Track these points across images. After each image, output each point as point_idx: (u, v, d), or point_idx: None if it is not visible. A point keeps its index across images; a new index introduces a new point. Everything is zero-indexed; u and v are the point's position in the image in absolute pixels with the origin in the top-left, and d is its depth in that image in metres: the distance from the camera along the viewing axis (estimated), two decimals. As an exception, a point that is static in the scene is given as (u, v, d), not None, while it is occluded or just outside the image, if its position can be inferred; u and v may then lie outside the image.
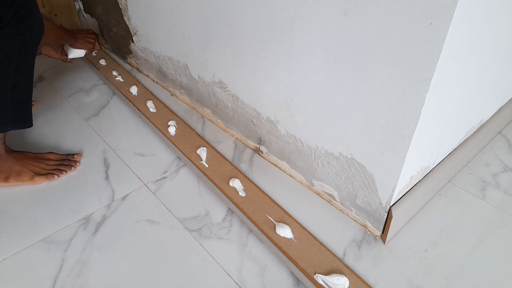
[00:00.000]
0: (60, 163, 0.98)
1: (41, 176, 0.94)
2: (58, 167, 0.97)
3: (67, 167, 0.98)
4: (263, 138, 1.02)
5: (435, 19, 0.54)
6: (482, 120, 1.01)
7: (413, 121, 0.64)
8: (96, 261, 0.78)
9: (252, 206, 0.86)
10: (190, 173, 0.99)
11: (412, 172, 0.77)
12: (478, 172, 1.00)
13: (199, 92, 1.17)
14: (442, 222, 0.86)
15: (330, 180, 0.88)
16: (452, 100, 0.73)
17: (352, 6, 0.64)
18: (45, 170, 0.95)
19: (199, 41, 1.04)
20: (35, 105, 1.20)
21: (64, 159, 0.99)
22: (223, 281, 0.75)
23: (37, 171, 0.94)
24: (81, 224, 0.85)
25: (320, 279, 0.71)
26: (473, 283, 0.74)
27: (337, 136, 0.80)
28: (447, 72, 0.62)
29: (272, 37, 0.81)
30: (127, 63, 1.49)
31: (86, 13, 1.56)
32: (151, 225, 0.85)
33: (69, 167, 0.98)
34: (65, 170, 0.97)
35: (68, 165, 0.98)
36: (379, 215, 0.80)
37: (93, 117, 1.19)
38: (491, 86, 0.89)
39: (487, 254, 0.80)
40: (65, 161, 0.99)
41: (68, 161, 0.99)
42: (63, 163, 0.98)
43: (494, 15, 0.67)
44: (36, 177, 0.93)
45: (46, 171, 0.95)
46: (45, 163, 0.96)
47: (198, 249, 0.80)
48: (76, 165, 0.99)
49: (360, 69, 0.68)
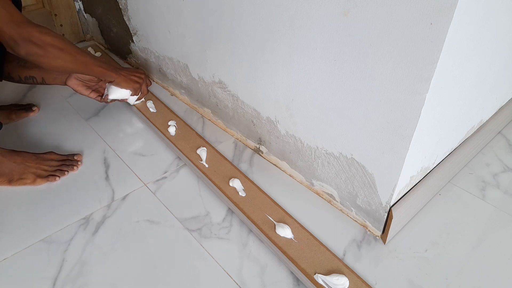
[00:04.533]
0: (62, 163, 0.97)
1: (43, 178, 0.93)
2: (59, 168, 0.96)
3: (69, 167, 0.97)
4: (263, 138, 1.02)
5: (435, 19, 0.54)
6: (482, 120, 1.01)
7: (413, 121, 0.64)
8: (96, 261, 0.78)
9: (252, 206, 0.86)
10: (190, 173, 0.99)
11: (412, 172, 0.77)
12: (478, 172, 1.00)
13: (199, 92, 1.17)
14: (442, 222, 0.86)
15: (330, 180, 0.88)
16: (452, 100, 0.73)
17: (352, 6, 0.64)
18: (47, 172, 0.94)
19: (199, 41, 1.04)
20: (36, 111, 1.18)
21: (65, 159, 0.98)
22: (223, 281, 0.75)
23: (39, 174, 0.93)
24: (81, 224, 0.85)
25: (320, 279, 0.71)
26: (473, 283, 0.74)
27: (337, 136, 0.80)
28: (447, 72, 0.62)
29: (272, 37, 0.81)
30: (127, 63, 1.49)
31: (86, 13, 1.57)
32: (151, 225, 0.85)
33: (71, 167, 0.97)
34: (67, 170, 0.97)
35: (70, 165, 0.98)
36: (379, 215, 0.80)
37: (93, 117, 1.19)
38: (491, 86, 0.89)
39: (487, 254, 0.80)
40: (66, 161, 0.98)
41: (70, 161, 0.99)
42: (65, 163, 0.98)
43: (494, 15, 0.67)
44: (38, 179, 0.93)
45: (48, 173, 0.94)
46: (46, 164, 0.95)
47: (198, 249, 0.80)
48: (78, 165, 0.99)
49: (360, 69, 0.68)
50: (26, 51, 0.79)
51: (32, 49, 0.79)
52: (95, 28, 1.57)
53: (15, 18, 0.78)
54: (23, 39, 0.77)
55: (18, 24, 0.78)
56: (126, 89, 1.06)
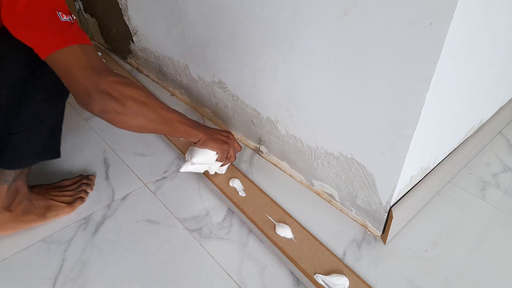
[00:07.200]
0: (79, 185, 0.93)
1: (72, 204, 0.88)
2: (80, 188, 0.92)
3: (88, 186, 0.93)
4: (263, 138, 1.02)
5: (435, 19, 0.54)
6: (482, 120, 1.01)
7: (413, 121, 0.65)
8: (96, 261, 0.78)
9: (252, 206, 0.86)
10: (190, 173, 0.99)
11: (412, 172, 0.77)
12: (478, 172, 1.00)
13: (199, 92, 1.17)
14: (442, 222, 0.86)
15: (330, 180, 0.88)
16: (452, 100, 0.73)
17: (352, 6, 0.64)
18: (72, 197, 0.89)
19: (199, 41, 1.04)
20: None
21: (79, 181, 0.94)
22: (223, 281, 0.75)
23: (67, 200, 0.88)
24: (81, 224, 0.85)
25: (320, 279, 0.71)
26: (473, 283, 0.74)
27: (337, 136, 0.80)
28: (447, 72, 0.62)
29: (272, 37, 0.81)
30: (127, 63, 1.49)
31: (86, 13, 1.57)
32: (151, 225, 0.85)
33: (90, 187, 0.93)
34: (88, 190, 0.92)
35: (88, 185, 0.93)
36: (379, 215, 0.80)
37: (93, 117, 1.19)
38: (491, 86, 0.89)
39: (487, 254, 0.80)
40: (82, 181, 0.94)
41: (86, 179, 0.94)
42: (82, 182, 0.93)
43: (494, 15, 0.67)
44: (68, 206, 0.87)
45: (73, 198, 0.89)
46: (67, 190, 0.90)
47: (198, 249, 0.80)
48: (92, 185, 0.94)
49: (360, 69, 0.68)
50: (101, 107, 0.63)
51: (109, 105, 0.63)
52: (95, 28, 1.57)
53: (94, 65, 0.64)
54: (100, 91, 0.62)
55: (98, 72, 0.63)
56: (213, 150, 0.85)
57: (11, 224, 0.80)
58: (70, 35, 0.63)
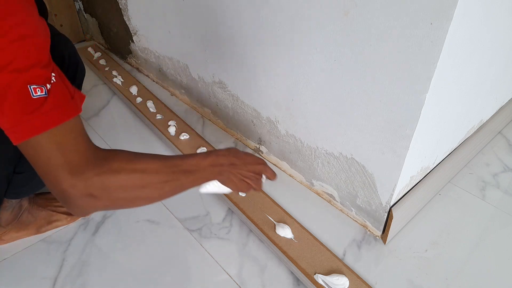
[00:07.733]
0: None
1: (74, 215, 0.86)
2: None
3: None
4: (263, 138, 1.02)
5: (435, 19, 0.54)
6: (482, 120, 1.01)
7: (413, 121, 0.64)
8: (96, 261, 0.78)
9: (252, 206, 0.86)
10: (190, 173, 0.99)
11: (412, 172, 0.77)
12: (478, 172, 1.00)
13: (199, 92, 1.17)
14: (442, 222, 0.86)
15: (330, 180, 0.88)
16: (452, 100, 0.73)
17: (352, 6, 0.63)
18: None
19: (199, 41, 1.04)
20: None
21: None
22: (223, 281, 0.75)
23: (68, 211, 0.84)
24: (81, 224, 0.85)
25: (320, 279, 0.71)
26: (473, 283, 0.74)
27: (337, 136, 0.80)
28: (447, 72, 0.62)
29: (272, 37, 0.81)
30: (127, 63, 1.49)
31: (86, 13, 1.57)
32: (151, 225, 0.85)
33: None
34: None
35: None
36: (379, 215, 0.80)
37: (93, 117, 1.19)
38: (491, 86, 0.89)
39: (487, 254, 0.80)
40: None
41: None
42: None
43: (494, 15, 0.67)
44: (69, 217, 0.86)
45: None
46: None
47: (198, 249, 0.80)
48: None
49: (360, 69, 0.68)
50: (84, 210, 0.51)
51: (91, 206, 0.50)
52: (95, 28, 1.57)
53: (69, 159, 0.47)
54: (79, 196, 0.48)
55: (74, 171, 0.47)
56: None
57: (10, 236, 0.81)
58: (39, 120, 0.45)
